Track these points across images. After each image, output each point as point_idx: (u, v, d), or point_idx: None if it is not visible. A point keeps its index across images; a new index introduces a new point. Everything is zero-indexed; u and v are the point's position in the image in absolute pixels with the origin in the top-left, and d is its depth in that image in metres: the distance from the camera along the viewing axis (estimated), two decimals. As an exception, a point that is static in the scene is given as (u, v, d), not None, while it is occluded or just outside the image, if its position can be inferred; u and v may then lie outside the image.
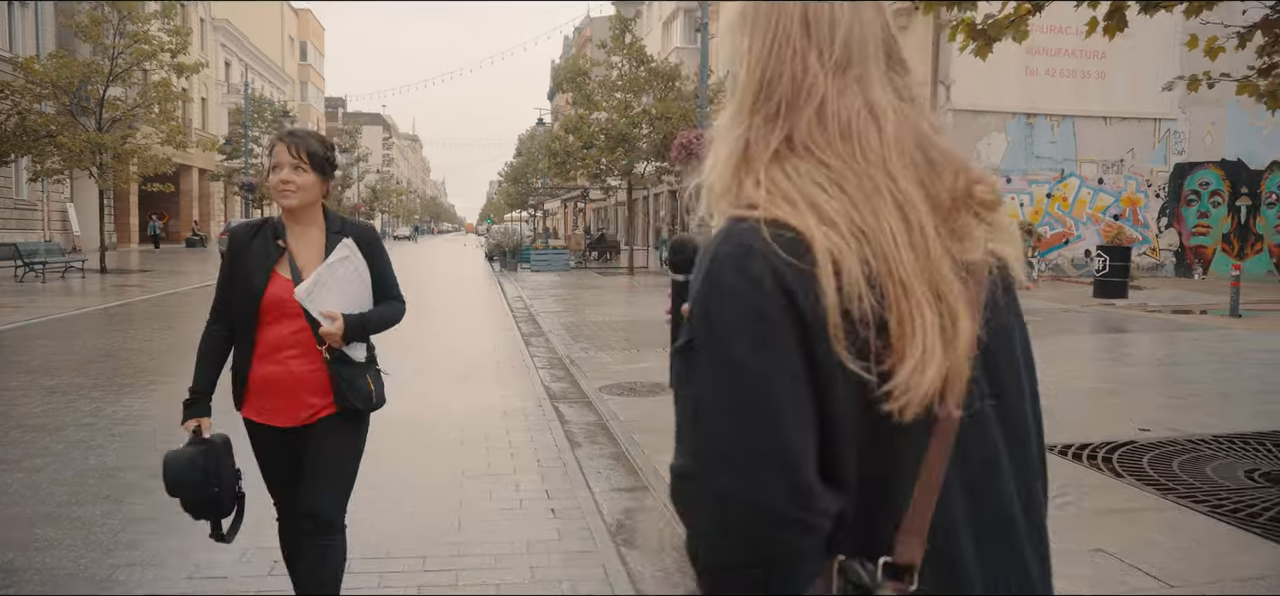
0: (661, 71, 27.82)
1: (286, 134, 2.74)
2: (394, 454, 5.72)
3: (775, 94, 1.01)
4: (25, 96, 22.14)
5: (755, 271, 0.92)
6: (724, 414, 0.91)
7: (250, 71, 51.74)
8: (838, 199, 0.96)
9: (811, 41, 1.01)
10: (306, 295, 2.66)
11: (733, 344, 0.91)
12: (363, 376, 2.81)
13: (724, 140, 1.05)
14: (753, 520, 0.89)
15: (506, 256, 30.09)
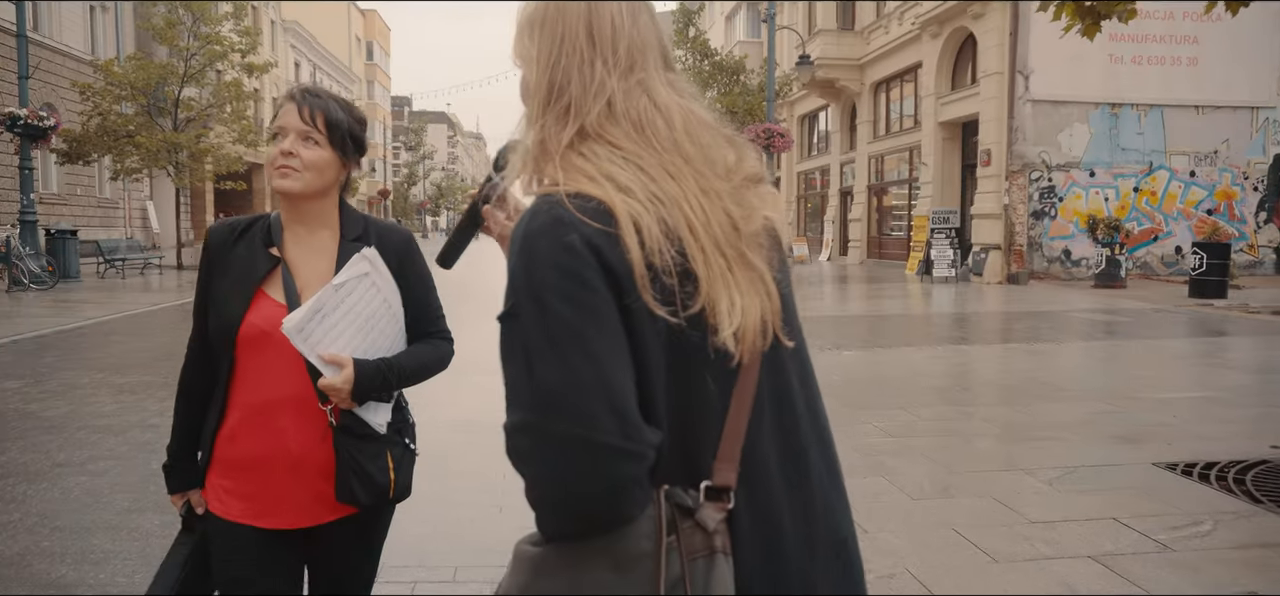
0: (726, 65, 27.42)
1: (299, 91, 1.91)
2: (446, 455, 5.47)
3: (565, 96, 1.13)
4: (106, 98, 22.79)
5: (565, 236, 1.03)
6: (553, 365, 0.99)
7: (319, 71, 52.82)
8: (633, 173, 1.09)
9: (596, 50, 1.14)
10: (298, 329, 1.76)
11: (553, 302, 1.01)
12: (381, 455, 1.89)
13: (522, 141, 1.18)
14: (588, 455, 0.98)
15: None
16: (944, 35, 23.26)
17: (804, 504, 1.15)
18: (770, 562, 1.10)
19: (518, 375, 1.03)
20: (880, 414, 6.78)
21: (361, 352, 1.86)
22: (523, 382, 1.02)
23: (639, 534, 1.02)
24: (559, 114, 1.14)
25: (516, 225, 1.07)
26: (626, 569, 1.02)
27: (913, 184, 26.38)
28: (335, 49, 59.49)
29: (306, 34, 51.66)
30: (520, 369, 1.02)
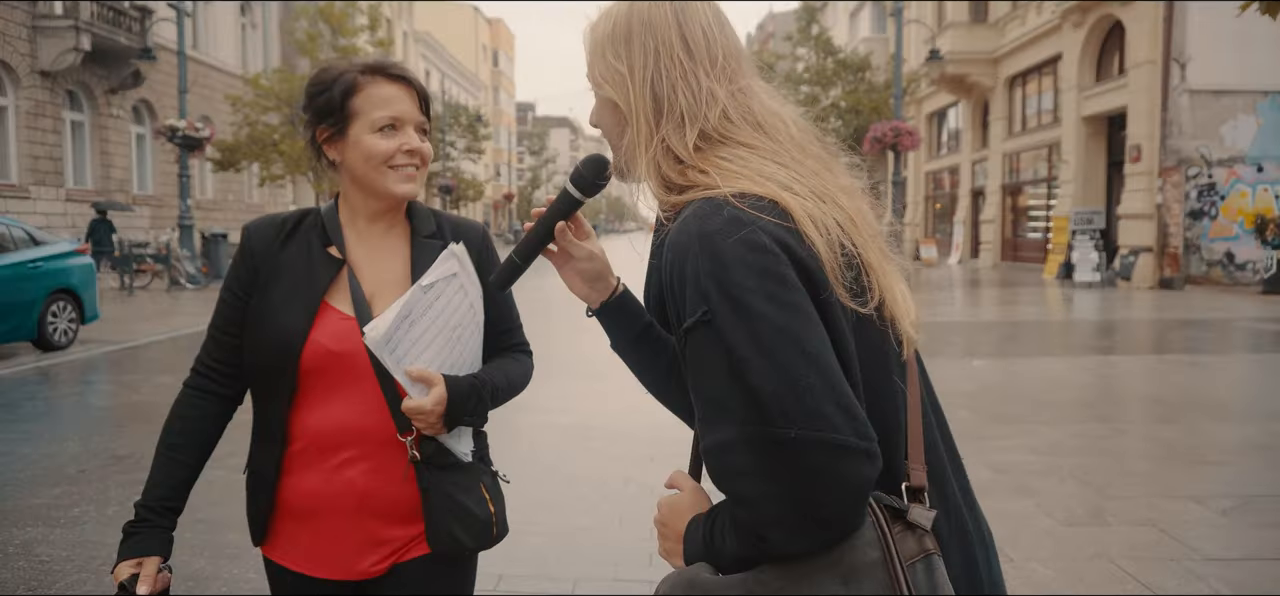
0: (850, 63, 26.72)
1: (390, 66, 1.59)
2: (564, 459, 5.42)
3: (676, 108, 1.11)
4: (253, 109, 24.27)
5: (752, 235, 0.98)
6: (769, 370, 0.93)
7: (447, 79, 54.73)
8: (784, 170, 1.07)
9: (695, 60, 1.12)
10: (385, 340, 1.47)
11: (756, 303, 0.95)
12: (475, 487, 1.62)
13: (641, 152, 1.13)
14: (828, 460, 0.91)
15: (688, 255, 29.86)
16: (1087, 24, 21.88)
17: (971, 505, 1.13)
18: (966, 565, 1.08)
19: (722, 387, 0.96)
20: (1021, 428, 6.32)
21: (448, 367, 1.57)
22: (731, 394, 0.95)
23: (864, 542, 0.97)
24: (676, 122, 1.11)
25: (680, 229, 1.03)
26: (854, 581, 0.97)
27: (1051, 182, 24.99)
28: (462, 57, 61.53)
29: (436, 43, 53.67)
30: (725, 380, 0.96)
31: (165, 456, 1.58)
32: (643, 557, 4.07)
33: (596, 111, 1.23)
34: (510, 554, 3.97)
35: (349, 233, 1.63)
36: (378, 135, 1.55)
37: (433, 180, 42.77)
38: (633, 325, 1.40)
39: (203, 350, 1.64)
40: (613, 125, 1.19)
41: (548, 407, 6.80)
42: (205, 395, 1.61)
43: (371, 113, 1.55)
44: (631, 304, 1.42)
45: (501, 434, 6.13)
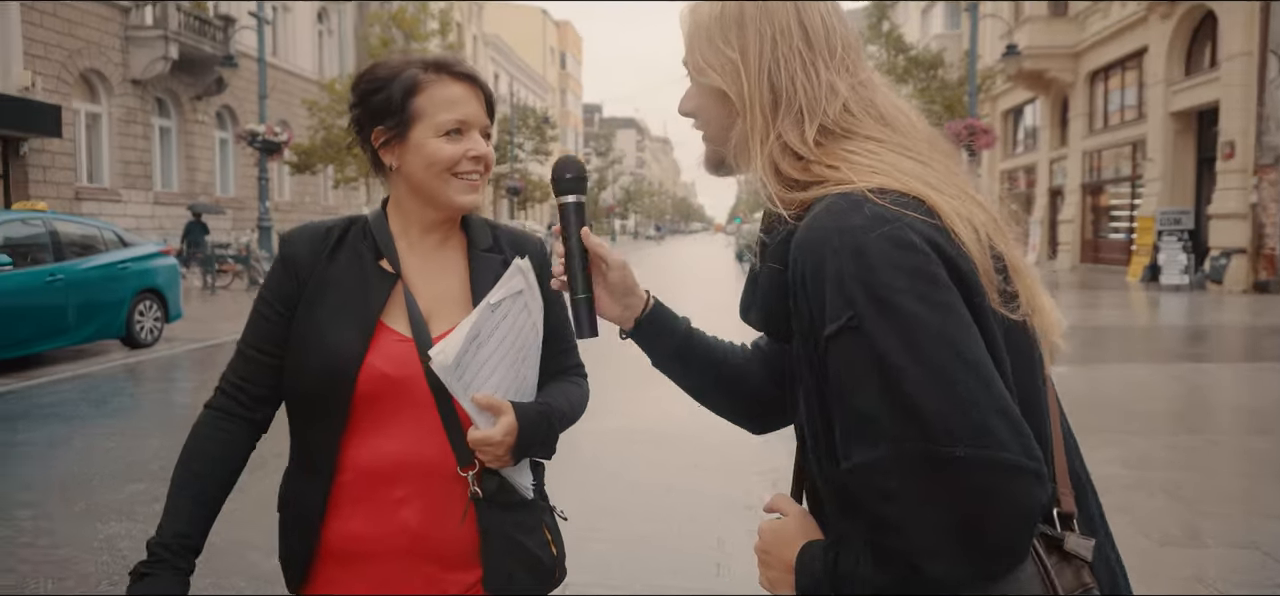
0: (922, 60, 26.12)
1: (455, 63, 1.47)
2: (626, 465, 5.36)
3: (795, 101, 1.03)
4: (329, 113, 24.94)
5: (901, 233, 0.89)
6: (928, 381, 0.84)
7: (515, 81, 55.40)
8: (921, 165, 0.98)
9: (814, 50, 1.04)
10: (455, 365, 1.33)
11: (909, 307, 0.86)
12: (538, 527, 1.48)
13: (756, 147, 1.05)
14: (998, 481, 0.82)
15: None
16: (1176, 16, 20.94)
17: (1109, 532, 1.05)
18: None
19: (873, 399, 0.87)
20: (1107, 439, 6.04)
21: (513, 393, 1.43)
22: (883, 407, 0.86)
23: (1026, 576, 0.89)
24: (795, 116, 1.03)
25: (812, 227, 0.94)
26: None
27: (1135, 181, 24.02)
28: (531, 59, 62.22)
29: (505, 46, 54.40)
30: (876, 391, 0.86)
31: (183, 487, 1.39)
32: (708, 566, 4.00)
33: (694, 100, 1.14)
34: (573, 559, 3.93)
35: (401, 244, 1.47)
36: (443, 139, 1.40)
37: (500, 182, 43.32)
38: (672, 337, 1.32)
39: (230, 369, 1.46)
40: (716, 116, 1.11)
41: (609, 412, 6.77)
42: (232, 419, 1.44)
43: (437, 115, 1.40)
44: (666, 316, 1.34)
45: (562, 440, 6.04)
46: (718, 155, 1.14)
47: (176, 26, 21.56)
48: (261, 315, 1.45)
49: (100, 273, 9.97)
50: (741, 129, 1.06)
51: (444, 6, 32.24)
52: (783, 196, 1.01)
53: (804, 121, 1.03)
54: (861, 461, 0.88)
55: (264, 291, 1.46)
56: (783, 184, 1.02)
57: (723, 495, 4.98)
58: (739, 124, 1.07)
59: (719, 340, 1.38)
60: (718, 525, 4.52)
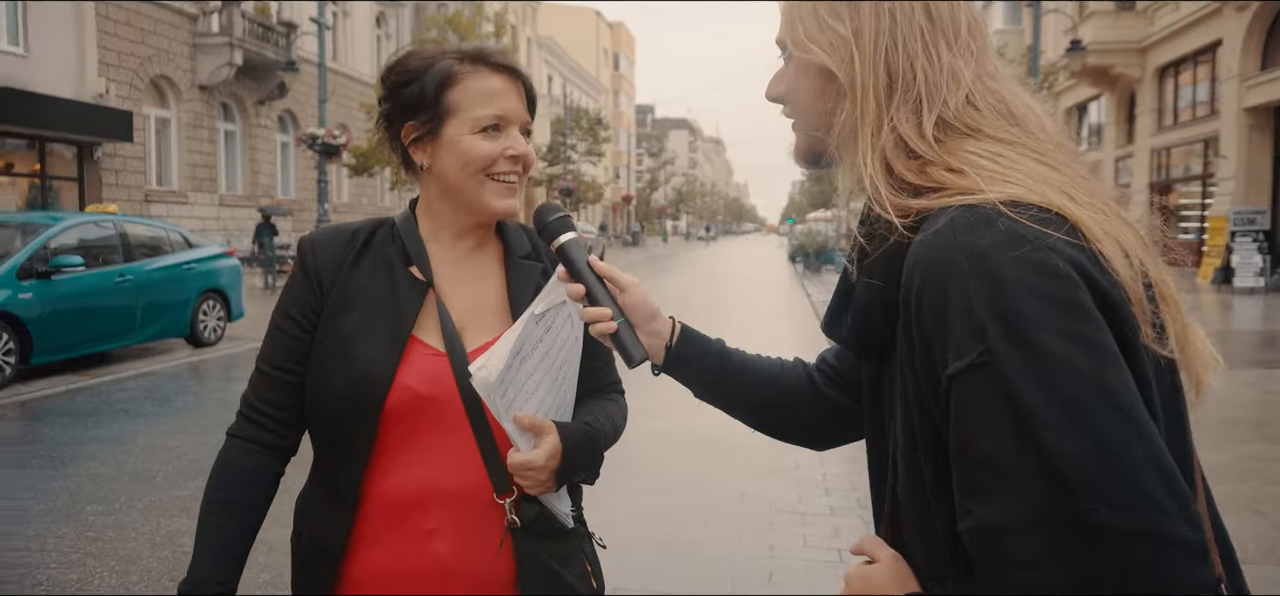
0: (982, 56, 25.56)
1: (493, 53, 1.34)
2: (679, 469, 5.31)
3: (913, 87, 0.91)
4: (386, 116, 25.38)
5: (1044, 256, 0.77)
6: (1074, 431, 0.72)
7: (568, 83, 55.72)
8: (1058, 174, 0.86)
9: (938, 29, 0.92)
10: (498, 383, 1.22)
11: (1052, 343, 0.74)
12: (577, 558, 1.35)
13: (867, 138, 0.91)
14: (1155, 554, 0.70)
15: (810, 258, 29.37)
16: (1252, 8, 20.13)
17: None
18: None
19: (1004, 449, 0.75)
20: (1179, 450, 5.79)
21: (553, 412, 1.31)
22: (1016, 459, 0.74)
23: None
24: (912, 106, 0.90)
25: (934, 243, 0.81)
26: None
27: (1207, 179, 23.16)
28: (584, 61, 62.52)
29: (559, 48, 54.73)
30: (1009, 440, 0.75)
31: (213, 525, 1.30)
32: (761, 574, 3.93)
33: (789, 80, 1.01)
34: (624, 565, 3.90)
35: (432, 249, 1.35)
36: (480, 136, 1.28)
37: (553, 183, 43.61)
38: (706, 362, 1.22)
39: (252, 391, 1.34)
40: (814, 99, 0.97)
41: (662, 414, 6.72)
42: (258, 448, 1.33)
43: (473, 109, 1.28)
44: (697, 340, 1.23)
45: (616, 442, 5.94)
46: (815, 145, 1.00)
47: (241, 33, 22.13)
48: (281, 330, 1.33)
49: (166, 273, 10.26)
50: (849, 116, 0.93)
51: (499, 9, 32.54)
52: (894, 201, 0.88)
53: (922, 111, 0.90)
54: (986, 521, 0.76)
55: (284, 303, 1.34)
56: (894, 185, 0.89)
57: (775, 500, 4.91)
58: (845, 110, 0.93)
59: (760, 358, 1.28)
60: (770, 532, 4.45)
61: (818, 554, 4.19)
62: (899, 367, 0.89)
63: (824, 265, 28.89)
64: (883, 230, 0.89)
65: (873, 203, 0.90)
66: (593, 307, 1.19)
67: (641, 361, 1.19)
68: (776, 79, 1.03)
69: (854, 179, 0.93)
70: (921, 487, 0.87)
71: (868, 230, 0.92)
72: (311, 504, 1.36)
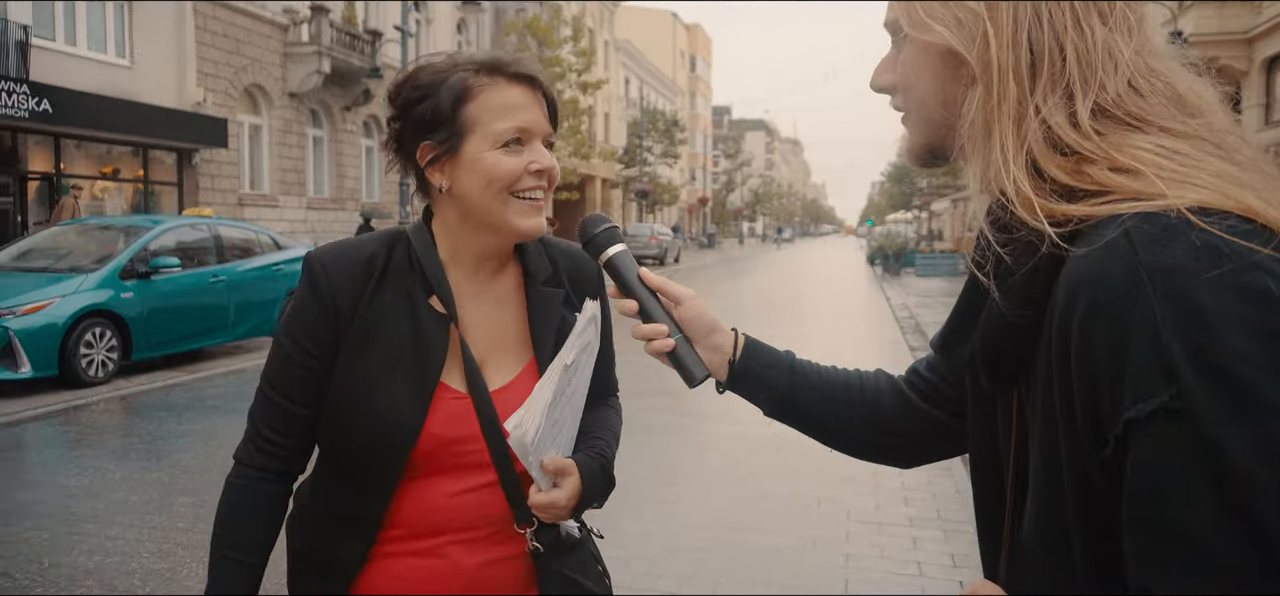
0: (1073, 51, 24.68)
1: (512, 63, 1.24)
2: (755, 474, 5.22)
3: (1062, 69, 0.76)
4: (465, 120, 25.95)
5: (1249, 278, 0.63)
6: None
7: (645, 86, 55.89)
8: (1247, 173, 0.72)
9: (1090, 2, 0.77)
10: (534, 446, 1.20)
11: (1269, 389, 0.61)
12: (589, 562, 1.37)
13: (1009, 129, 0.76)
14: None
15: (889, 259, 28.79)
16: (1371, -6, 18.87)
17: None
18: None
19: (1199, 514, 0.63)
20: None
21: (569, 445, 1.29)
22: (1214, 527, 0.62)
23: None
24: (1062, 91, 0.76)
25: (1105, 260, 0.68)
26: None
27: (1321, 178, 21.80)
28: (661, 63, 62.63)
29: (636, 51, 54.96)
30: (1205, 504, 0.62)
31: (226, 560, 1.25)
32: (836, 584, 3.83)
33: (902, 67, 0.87)
34: (697, 571, 3.86)
35: (452, 274, 1.27)
36: (502, 152, 1.19)
37: (629, 185, 43.76)
38: (775, 377, 1.13)
39: (260, 419, 1.27)
40: (938, 87, 0.84)
41: (740, 418, 6.64)
42: (267, 479, 1.27)
43: (492, 123, 1.20)
44: (763, 353, 1.14)
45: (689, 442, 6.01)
46: (935, 141, 0.86)
47: (329, 41, 22.87)
48: (292, 359, 1.23)
49: (257, 274, 10.65)
50: (981, 106, 0.78)
51: (576, 12, 32.86)
52: (1044, 206, 0.73)
53: (1075, 97, 0.75)
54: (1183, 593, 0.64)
55: (294, 329, 1.24)
56: (1041, 187, 0.75)
57: (852, 509, 4.79)
58: (975, 99, 0.79)
59: (836, 370, 1.18)
60: (846, 542, 4.34)
61: (895, 566, 4.06)
62: (1038, 405, 0.76)
63: (903, 267, 28.29)
64: (1026, 239, 0.74)
65: (1013, 208, 0.75)
66: (647, 325, 1.13)
67: (703, 380, 1.13)
68: (885, 66, 0.91)
69: (989, 179, 0.78)
70: (1061, 545, 0.74)
71: (1006, 239, 0.76)
72: (315, 523, 1.30)
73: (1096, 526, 0.70)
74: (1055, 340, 0.71)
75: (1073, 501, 0.72)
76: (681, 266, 32.75)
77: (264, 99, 22.49)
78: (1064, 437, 0.72)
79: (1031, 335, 0.75)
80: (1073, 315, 0.68)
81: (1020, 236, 0.74)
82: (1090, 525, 0.71)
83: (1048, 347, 0.72)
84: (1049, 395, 0.73)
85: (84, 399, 7.54)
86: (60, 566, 3.91)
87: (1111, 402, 0.66)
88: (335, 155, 25.49)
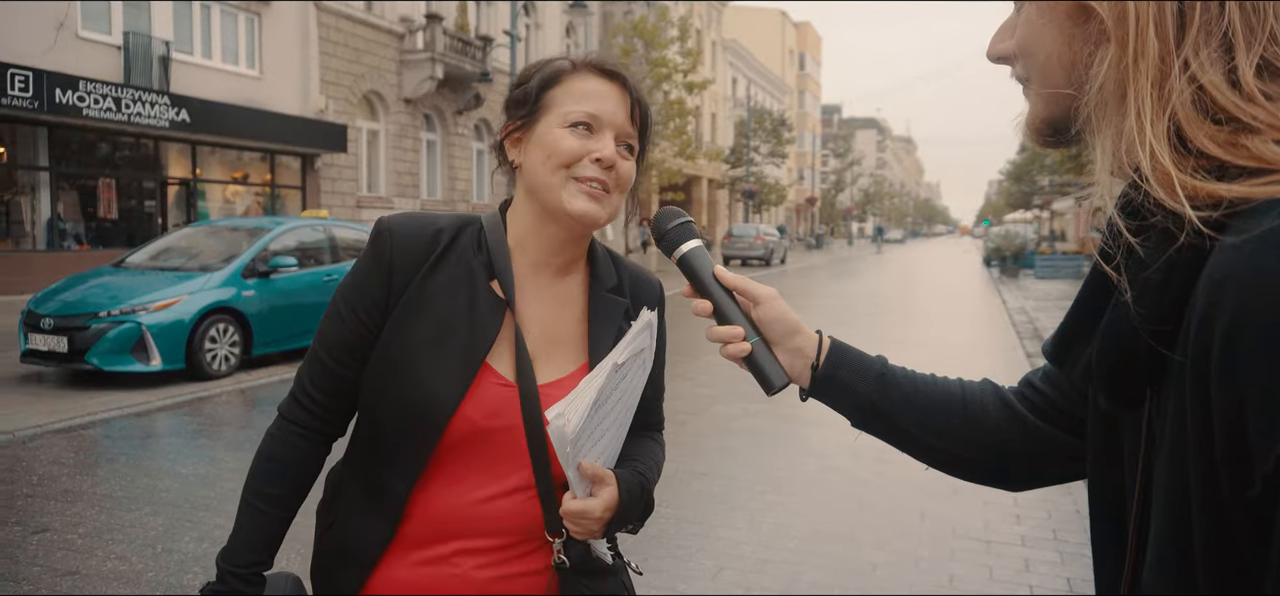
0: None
1: (606, 61, 1.26)
2: (856, 484, 4.99)
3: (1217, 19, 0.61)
4: (573, 123, 26.31)
5: None
6: None
7: (753, 85, 55.38)
8: None
9: None
10: (576, 437, 1.14)
11: None
12: (619, 590, 1.30)
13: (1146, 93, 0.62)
14: None
15: (1006, 261, 27.56)
16: None
17: None
18: None
19: None
20: None
21: (610, 458, 1.24)
22: None
23: None
24: (1218, 44, 0.62)
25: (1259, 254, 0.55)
26: None
27: None
28: (769, 62, 61.96)
29: (743, 50, 54.56)
30: None
31: (255, 507, 1.26)
32: (940, 607, 3.61)
33: (1022, 30, 0.76)
34: (789, 583, 3.71)
35: (518, 262, 1.26)
36: (567, 131, 1.19)
37: (736, 185, 43.42)
38: (865, 385, 1.03)
39: (305, 376, 1.27)
40: (1061, 47, 0.72)
41: (834, 422, 6.43)
42: (307, 435, 1.27)
43: (566, 104, 1.21)
44: (852, 358, 1.05)
45: (789, 447, 5.82)
46: (1059, 112, 0.74)
47: (442, 48, 23.58)
48: (342, 317, 1.23)
49: (369, 273, 11.03)
50: (1113, 65, 0.66)
51: (683, 12, 32.82)
52: (1189, 184, 0.60)
53: (1237, 50, 0.61)
54: None
55: (350, 290, 1.24)
56: (1185, 162, 0.62)
57: (958, 525, 4.53)
58: (1107, 58, 0.66)
59: (935, 379, 1.06)
60: (951, 560, 4.10)
61: (1004, 588, 3.80)
62: (1168, 427, 0.64)
63: (1022, 270, 27.01)
64: (1164, 226, 0.61)
65: (1151, 186, 0.62)
66: (722, 327, 1.05)
67: (783, 387, 1.05)
68: (1003, 32, 0.80)
69: (1119, 153, 0.65)
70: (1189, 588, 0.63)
71: (1141, 227, 0.63)
72: (348, 500, 1.28)
73: (1233, 574, 0.57)
74: (1192, 348, 0.58)
75: (1205, 546, 0.59)
76: (788, 268, 32.26)
77: (381, 105, 23.37)
78: (1196, 469, 0.59)
79: (1163, 342, 0.62)
80: (1215, 320, 0.56)
81: (1156, 223, 0.62)
82: (1226, 573, 0.58)
83: (1182, 356, 0.59)
84: (1181, 416, 0.60)
85: (207, 391, 7.95)
86: (171, 551, 4.09)
87: (1264, 434, 0.52)
88: (447, 158, 26.26)
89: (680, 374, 8.75)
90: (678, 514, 4.61)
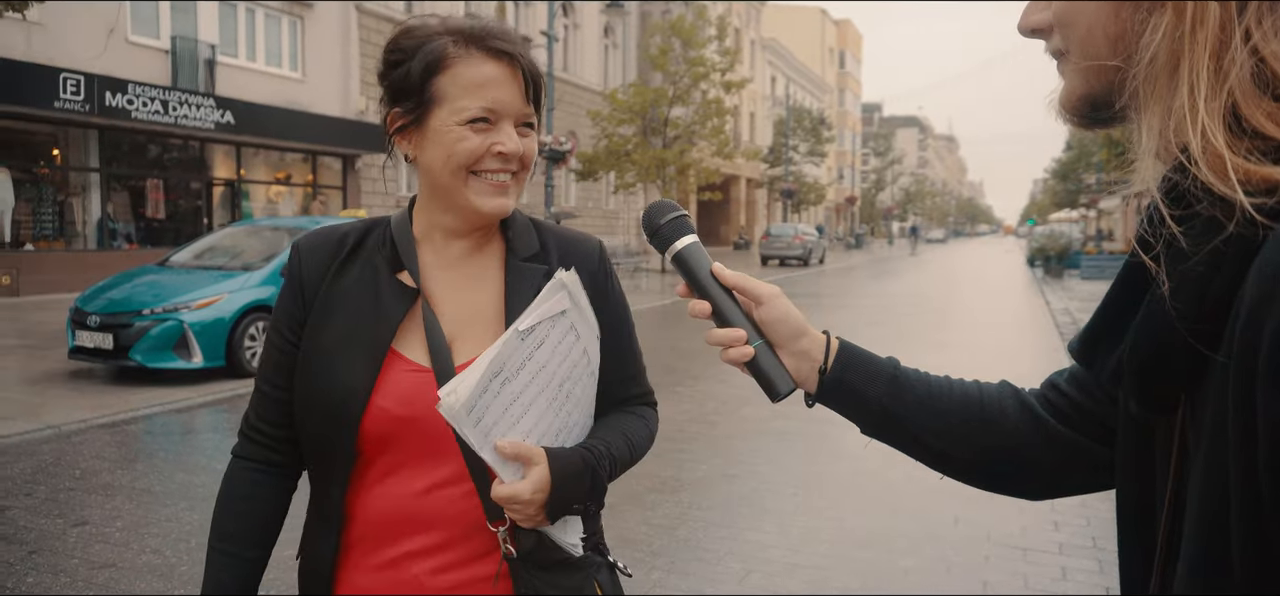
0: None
1: (492, 35, 1.18)
2: (888, 488, 4.91)
3: None
4: (610, 122, 26.27)
5: None
6: None
7: (792, 84, 55.00)
8: None
9: None
10: (466, 408, 1.06)
11: None
12: (586, 586, 1.19)
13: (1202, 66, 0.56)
14: None
15: (1051, 261, 27.02)
16: None
17: None
18: None
19: None
20: None
21: (554, 436, 1.16)
22: None
23: None
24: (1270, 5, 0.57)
25: None
26: None
27: None
28: (809, 61, 61.49)
29: (782, 49, 54.21)
30: None
31: (220, 552, 1.22)
32: (972, 615, 3.53)
33: None
34: (818, 588, 3.65)
35: (425, 252, 1.23)
36: (466, 128, 1.14)
37: (774, 184, 43.15)
38: (875, 389, 0.97)
39: (251, 410, 1.26)
40: (1104, 14, 0.66)
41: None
42: (259, 468, 1.25)
43: (458, 99, 1.14)
44: (860, 363, 0.98)
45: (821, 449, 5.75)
46: (1099, 88, 0.68)
47: (482, 48, 23.83)
48: (272, 342, 1.24)
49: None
50: (1167, 34, 0.60)
51: (722, 11, 32.72)
52: (1243, 167, 0.55)
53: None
54: None
55: (275, 313, 1.25)
56: (1238, 144, 0.56)
57: (993, 530, 4.43)
58: (1160, 28, 0.60)
59: (950, 382, 0.99)
60: (985, 566, 4.01)
61: (1040, 591, 3.71)
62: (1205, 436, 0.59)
63: (1067, 270, 26.47)
64: (1211, 214, 0.56)
65: (1199, 169, 0.57)
66: (722, 329, 0.99)
67: (788, 393, 0.98)
68: (1037, 3, 0.73)
69: (1167, 132, 0.60)
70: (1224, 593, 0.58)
71: (1185, 215, 0.58)
72: (309, 522, 1.26)
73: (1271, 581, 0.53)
74: (1238, 345, 0.53)
75: (1242, 552, 0.54)
76: (826, 268, 31.97)
77: (421, 106, 23.66)
78: (1236, 472, 0.54)
79: (1205, 341, 0.57)
80: (1264, 318, 0.50)
81: (1201, 211, 0.57)
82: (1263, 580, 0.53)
83: (1226, 356, 0.54)
84: (1221, 417, 0.55)
85: (246, 388, 8.08)
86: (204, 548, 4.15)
87: None
88: (485, 158, 26.50)
89: (711, 375, 8.71)
90: (706, 516, 4.57)
